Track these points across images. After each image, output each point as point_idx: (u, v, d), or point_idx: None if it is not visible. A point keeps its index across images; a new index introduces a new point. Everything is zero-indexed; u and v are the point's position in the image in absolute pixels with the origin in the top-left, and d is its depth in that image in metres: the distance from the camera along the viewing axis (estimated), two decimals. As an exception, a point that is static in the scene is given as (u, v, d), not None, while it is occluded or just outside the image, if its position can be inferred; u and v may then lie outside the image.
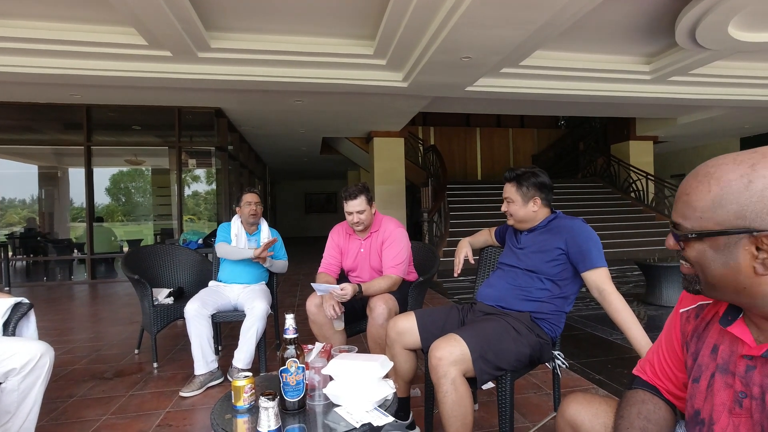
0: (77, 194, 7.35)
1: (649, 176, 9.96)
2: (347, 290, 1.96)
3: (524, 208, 1.71)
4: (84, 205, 6.86)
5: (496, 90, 5.91)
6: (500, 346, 1.46)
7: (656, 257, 5.02)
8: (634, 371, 0.92)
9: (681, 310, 0.85)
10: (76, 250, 7.30)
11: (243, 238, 2.80)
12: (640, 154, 10.21)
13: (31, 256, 7.51)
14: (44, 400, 1.69)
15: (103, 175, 7.93)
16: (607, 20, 4.52)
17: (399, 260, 2.18)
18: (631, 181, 10.18)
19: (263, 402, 1.08)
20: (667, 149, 11.91)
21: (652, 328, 3.48)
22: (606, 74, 5.77)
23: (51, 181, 8.13)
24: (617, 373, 2.54)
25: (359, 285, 2.04)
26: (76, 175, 7.18)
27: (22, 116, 6.63)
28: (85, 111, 6.52)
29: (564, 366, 1.69)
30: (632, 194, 10.15)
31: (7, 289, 5.75)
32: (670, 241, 0.72)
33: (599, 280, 1.54)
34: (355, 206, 2.18)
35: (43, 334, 1.87)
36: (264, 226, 2.90)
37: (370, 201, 2.21)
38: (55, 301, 5.29)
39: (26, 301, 1.82)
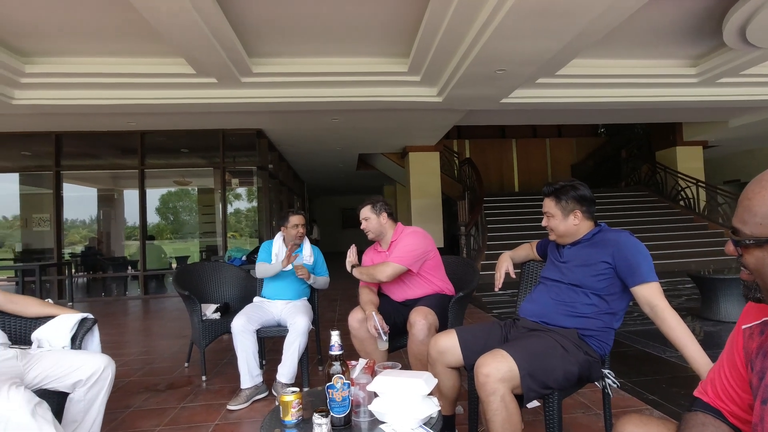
0: (131, 214, 7.86)
1: (699, 183, 9.45)
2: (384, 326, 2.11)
3: (565, 222, 1.68)
4: (137, 224, 7.30)
5: (532, 101, 5.83)
6: (548, 363, 1.43)
7: (711, 269, 4.73)
8: (695, 393, 0.88)
9: (743, 327, 0.81)
10: (130, 267, 7.75)
11: (283, 256, 2.87)
12: (689, 160, 9.73)
13: (91, 272, 8.03)
14: (105, 410, 1.79)
15: (153, 196, 8.41)
16: (647, 24, 4.40)
17: (400, 253, 2.23)
18: (680, 188, 9.69)
19: (317, 419, 1.11)
20: (719, 154, 11.26)
21: (710, 345, 3.27)
22: (649, 79, 5.58)
23: (108, 202, 8.74)
24: (673, 393, 2.40)
25: (354, 266, 2.34)
26: (131, 197, 7.69)
27: (84, 144, 7.23)
28: (140, 137, 7.02)
29: (615, 385, 1.62)
30: (681, 202, 9.64)
31: (70, 304, 6.16)
32: (729, 247, 0.71)
33: (650, 295, 1.48)
34: (361, 213, 2.39)
35: (102, 348, 1.99)
36: (306, 244, 2.96)
37: (377, 211, 2.36)
38: (112, 315, 5.61)
39: (91, 316, 1.95)
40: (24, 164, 7.43)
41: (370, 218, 2.37)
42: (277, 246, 2.90)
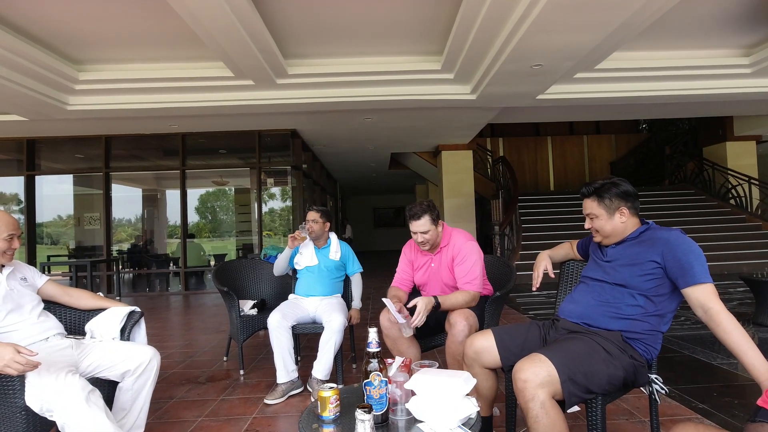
0: (172, 213, 8.23)
1: (752, 180, 8.88)
2: (420, 310, 1.89)
3: (611, 221, 1.62)
4: (178, 223, 7.60)
5: (570, 96, 5.65)
6: (590, 367, 1.37)
7: (766, 271, 4.42)
8: (759, 402, 0.82)
9: None
10: (171, 264, 8.09)
11: (307, 254, 2.92)
12: (740, 156, 9.18)
13: (136, 269, 8.44)
14: (151, 400, 1.86)
15: (193, 196, 8.76)
16: (694, 13, 4.16)
17: (473, 276, 2.13)
18: (730, 186, 9.14)
19: (360, 414, 1.11)
20: (775, 149, 10.55)
21: (766, 352, 3.06)
22: (697, 71, 5.27)
23: (152, 202, 9.17)
24: (725, 403, 2.27)
25: (436, 298, 2.00)
26: (172, 196, 8.04)
27: (131, 146, 7.62)
28: (181, 139, 7.31)
29: (663, 391, 1.55)
30: (732, 201, 9.10)
31: (118, 298, 6.49)
32: None
33: (704, 297, 1.39)
34: (419, 227, 2.13)
35: (148, 340, 2.06)
36: (333, 239, 2.99)
37: (435, 220, 2.15)
38: (155, 310, 5.87)
39: (138, 309, 2.04)
40: (77, 166, 7.90)
41: (431, 230, 2.15)
42: (304, 244, 2.96)
